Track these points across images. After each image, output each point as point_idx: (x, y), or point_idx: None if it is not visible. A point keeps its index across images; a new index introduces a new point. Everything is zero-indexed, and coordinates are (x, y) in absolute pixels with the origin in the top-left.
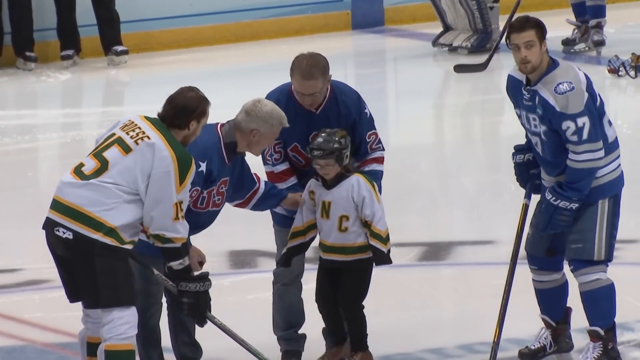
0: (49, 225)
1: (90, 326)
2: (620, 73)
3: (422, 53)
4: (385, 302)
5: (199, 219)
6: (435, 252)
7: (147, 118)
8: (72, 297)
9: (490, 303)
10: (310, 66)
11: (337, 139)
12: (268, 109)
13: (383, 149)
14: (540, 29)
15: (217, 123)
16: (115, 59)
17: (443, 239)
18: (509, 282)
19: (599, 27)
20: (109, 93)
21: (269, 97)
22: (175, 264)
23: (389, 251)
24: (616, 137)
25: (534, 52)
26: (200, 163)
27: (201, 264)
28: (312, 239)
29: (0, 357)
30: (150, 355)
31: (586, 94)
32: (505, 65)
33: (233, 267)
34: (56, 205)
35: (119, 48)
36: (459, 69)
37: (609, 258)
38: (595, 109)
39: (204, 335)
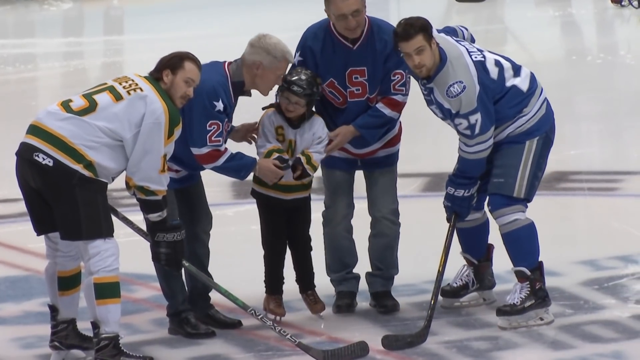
0: (27, 151)
1: (60, 260)
2: (623, 3)
3: None
4: None
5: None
6: (438, 182)
7: (140, 75)
8: (40, 229)
9: (493, 233)
10: None
11: (316, 84)
12: (273, 41)
13: (405, 95)
14: (425, 30)
15: (225, 61)
16: None
17: (447, 169)
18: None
19: None
20: (110, 22)
21: (308, 31)
22: (154, 216)
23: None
24: (531, 80)
25: (426, 55)
26: (215, 103)
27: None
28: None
29: (4, 286)
30: (173, 288)
31: (477, 87)
32: None
33: (236, 197)
34: (36, 131)
35: None
36: None
37: (528, 197)
38: (488, 95)
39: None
